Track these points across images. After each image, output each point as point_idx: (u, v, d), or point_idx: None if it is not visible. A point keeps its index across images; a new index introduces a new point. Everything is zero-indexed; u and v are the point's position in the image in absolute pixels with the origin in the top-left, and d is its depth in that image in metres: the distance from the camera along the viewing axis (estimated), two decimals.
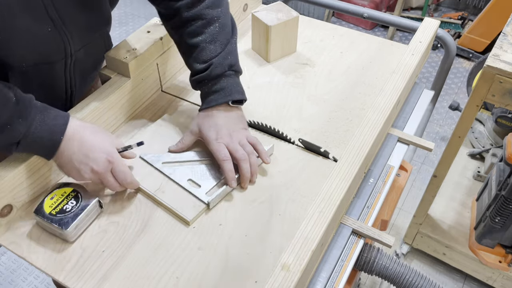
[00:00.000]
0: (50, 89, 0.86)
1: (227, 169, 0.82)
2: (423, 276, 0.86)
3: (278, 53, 1.14)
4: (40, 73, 0.82)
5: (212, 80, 0.86)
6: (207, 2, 0.86)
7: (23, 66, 0.78)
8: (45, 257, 0.74)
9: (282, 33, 1.10)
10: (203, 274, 0.73)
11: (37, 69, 0.80)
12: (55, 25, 0.76)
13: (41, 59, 0.80)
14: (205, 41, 0.86)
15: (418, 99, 1.09)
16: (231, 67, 0.88)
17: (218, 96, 0.86)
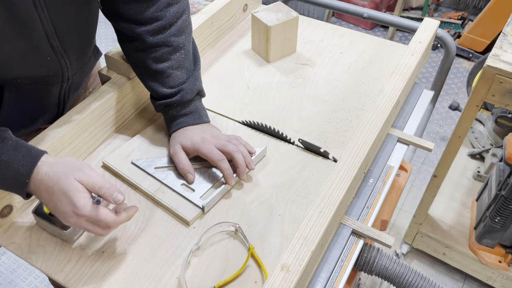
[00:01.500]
0: (43, 104, 0.88)
1: (225, 167, 0.82)
2: (423, 276, 0.86)
3: (278, 53, 1.14)
4: (35, 91, 0.83)
5: (181, 104, 0.88)
6: (172, 30, 0.85)
7: (18, 81, 0.78)
8: (45, 257, 0.74)
9: (282, 34, 1.10)
10: (203, 274, 0.73)
11: (33, 88, 0.82)
12: (55, 52, 0.78)
13: (37, 82, 0.81)
14: (172, 67, 0.86)
15: (418, 99, 1.09)
16: (199, 92, 0.91)
17: (188, 118, 0.89)
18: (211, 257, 0.75)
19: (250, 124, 0.97)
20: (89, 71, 0.97)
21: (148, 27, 0.84)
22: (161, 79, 0.87)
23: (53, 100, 0.88)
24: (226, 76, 1.11)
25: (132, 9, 0.83)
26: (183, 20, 0.87)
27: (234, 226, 0.78)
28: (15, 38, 0.70)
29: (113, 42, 3.04)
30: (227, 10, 1.19)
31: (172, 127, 0.89)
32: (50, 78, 0.82)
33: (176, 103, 0.87)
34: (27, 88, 0.80)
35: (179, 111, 0.88)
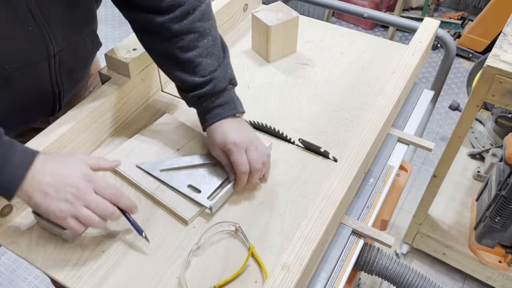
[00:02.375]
0: (37, 91, 0.83)
1: (242, 180, 0.81)
2: (423, 276, 0.86)
3: (278, 53, 1.14)
4: (25, 76, 0.78)
5: (215, 94, 0.83)
6: (197, 15, 0.81)
7: (6, 68, 0.74)
8: (45, 257, 0.74)
9: (282, 33, 1.10)
10: (203, 274, 0.73)
11: (22, 72, 0.77)
12: (37, 23, 0.73)
13: (23, 60, 0.76)
14: (200, 55, 0.82)
15: (418, 99, 1.09)
16: (231, 80, 0.86)
17: (223, 110, 0.84)
18: (211, 256, 0.75)
19: (250, 124, 0.97)
20: (83, 57, 0.91)
21: (171, 15, 0.79)
22: (190, 69, 0.82)
23: (45, 84, 0.83)
24: None
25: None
26: (207, 4, 0.83)
27: (234, 226, 0.78)
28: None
29: (113, 42, 3.04)
30: (227, 10, 1.19)
31: (207, 120, 0.84)
32: (35, 54, 0.77)
33: (209, 93, 0.82)
34: (16, 75, 0.76)
35: (213, 102, 0.83)
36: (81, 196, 0.68)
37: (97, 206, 0.69)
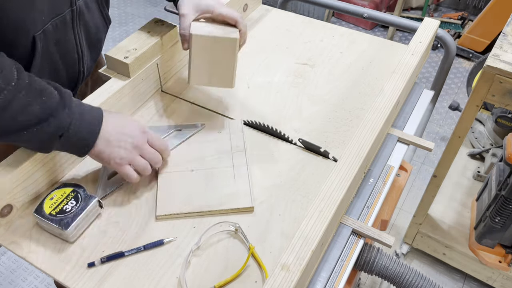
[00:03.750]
0: (65, 48, 0.88)
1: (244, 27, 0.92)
2: (423, 276, 0.86)
3: (203, 77, 0.92)
4: (56, 29, 0.83)
5: None
6: None
7: (43, 19, 0.79)
8: (45, 257, 0.74)
9: (211, 53, 0.87)
10: (203, 274, 0.73)
11: (53, 25, 0.82)
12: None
13: (53, 11, 0.81)
14: None
15: (418, 99, 1.09)
16: None
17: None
18: (211, 257, 0.75)
19: (250, 124, 0.97)
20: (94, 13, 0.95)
21: None
22: None
23: (71, 41, 0.89)
24: None
25: None
26: None
27: (234, 226, 0.78)
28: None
29: (113, 42, 3.04)
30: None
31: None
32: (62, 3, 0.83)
33: None
34: (49, 28, 0.81)
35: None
36: (138, 145, 0.78)
37: (150, 156, 0.80)
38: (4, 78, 0.66)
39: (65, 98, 0.73)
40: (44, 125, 0.69)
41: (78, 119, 0.73)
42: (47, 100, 0.70)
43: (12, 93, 0.66)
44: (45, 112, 0.69)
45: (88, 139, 0.75)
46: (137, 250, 0.75)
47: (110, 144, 0.77)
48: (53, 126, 0.70)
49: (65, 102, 0.72)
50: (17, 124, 0.68)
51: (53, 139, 0.72)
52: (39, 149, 0.75)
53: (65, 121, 0.71)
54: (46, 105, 0.69)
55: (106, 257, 0.74)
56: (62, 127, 0.71)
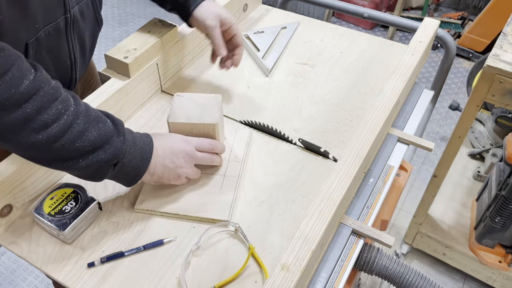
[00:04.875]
0: (57, 55, 0.87)
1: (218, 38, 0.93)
2: (423, 276, 0.86)
3: None
4: (48, 39, 0.82)
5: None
6: None
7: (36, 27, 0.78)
8: (45, 257, 0.74)
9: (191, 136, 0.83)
10: (203, 274, 0.73)
11: (46, 32, 0.81)
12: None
13: (47, 19, 0.80)
14: None
15: (418, 99, 1.09)
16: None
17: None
18: (211, 257, 0.75)
19: (250, 124, 0.97)
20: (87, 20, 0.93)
21: None
22: None
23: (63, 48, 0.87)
24: (226, 76, 1.10)
25: None
26: None
27: (234, 226, 0.78)
28: None
29: (113, 42, 3.04)
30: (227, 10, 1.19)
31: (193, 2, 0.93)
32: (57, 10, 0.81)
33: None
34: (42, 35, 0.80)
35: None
36: (191, 157, 0.80)
37: (204, 161, 0.82)
38: (63, 103, 0.65)
39: (119, 126, 0.72)
40: (100, 152, 0.68)
41: (132, 147, 0.73)
42: (103, 127, 0.69)
43: (71, 118, 0.65)
44: (101, 139, 0.68)
45: (141, 166, 0.74)
46: (137, 250, 0.75)
47: (166, 168, 0.78)
48: (109, 153, 0.69)
49: (119, 130, 0.71)
50: (74, 150, 0.66)
51: (107, 167, 0.71)
52: (92, 178, 0.72)
53: (120, 148, 0.70)
54: (102, 132, 0.68)
55: (106, 257, 0.74)
56: (118, 155, 0.70)
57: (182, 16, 0.96)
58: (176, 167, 0.79)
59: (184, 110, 0.83)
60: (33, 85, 0.61)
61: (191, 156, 0.80)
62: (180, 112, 0.83)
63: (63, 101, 0.65)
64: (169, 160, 0.78)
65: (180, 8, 0.95)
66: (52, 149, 0.65)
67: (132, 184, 0.76)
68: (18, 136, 0.63)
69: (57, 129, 0.64)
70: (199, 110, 0.83)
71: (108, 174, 0.72)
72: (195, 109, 0.84)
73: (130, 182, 0.76)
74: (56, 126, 0.64)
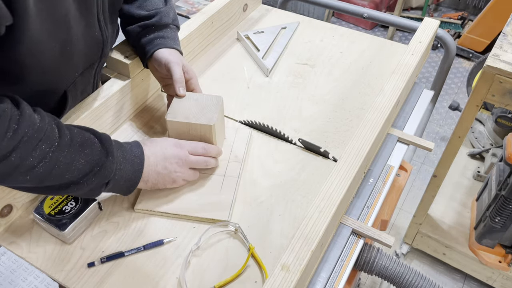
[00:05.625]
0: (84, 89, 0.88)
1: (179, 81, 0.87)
2: (423, 276, 0.86)
3: None
4: (82, 79, 0.84)
5: (159, 27, 0.90)
6: None
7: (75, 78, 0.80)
8: (45, 257, 0.74)
9: (187, 134, 0.85)
10: (203, 274, 0.73)
11: (82, 76, 0.83)
12: (100, 26, 0.79)
13: (87, 64, 0.82)
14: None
15: (418, 99, 1.09)
16: (174, 21, 0.94)
17: (165, 41, 0.90)
18: (211, 257, 0.75)
19: (250, 124, 0.97)
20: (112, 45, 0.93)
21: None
22: (138, 3, 0.91)
23: (88, 86, 0.89)
24: (226, 76, 1.10)
25: None
26: None
27: (234, 226, 0.78)
28: (79, 19, 0.72)
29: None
30: (227, 10, 1.19)
31: (149, 51, 0.89)
32: (94, 56, 0.83)
33: (154, 25, 0.89)
34: (79, 80, 0.82)
35: (156, 33, 0.90)
36: (185, 162, 0.80)
37: (198, 164, 0.82)
38: (47, 141, 0.64)
39: (106, 144, 0.71)
40: (91, 176, 0.68)
41: (122, 163, 0.72)
42: (90, 153, 0.68)
43: (57, 154, 0.65)
44: (90, 165, 0.68)
45: (134, 179, 0.75)
46: (137, 250, 0.75)
47: (160, 174, 0.78)
48: (99, 176, 0.69)
49: (107, 149, 0.71)
50: (64, 181, 0.67)
51: (100, 187, 0.71)
52: (87, 196, 0.75)
53: (110, 169, 0.70)
54: (89, 158, 0.68)
55: (106, 257, 0.74)
56: (108, 175, 0.70)
57: (142, 53, 0.91)
58: (170, 173, 0.79)
59: (183, 109, 0.84)
60: (15, 136, 0.60)
61: (184, 160, 0.80)
62: (179, 110, 0.83)
63: (47, 139, 0.64)
64: (162, 166, 0.78)
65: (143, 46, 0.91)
66: (43, 184, 0.66)
67: (128, 194, 0.77)
68: (6, 181, 0.65)
69: (44, 168, 0.64)
70: (198, 110, 0.83)
71: (101, 192, 0.72)
72: (194, 109, 0.84)
73: (125, 192, 0.76)
74: (42, 166, 0.63)
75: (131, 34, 0.92)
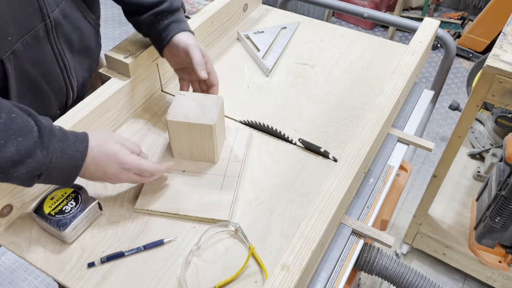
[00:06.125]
0: (43, 65, 0.83)
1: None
2: (423, 276, 0.86)
3: (185, 154, 0.89)
4: (28, 50, 0.78)
5: (172, 12, 0.90)
6: None
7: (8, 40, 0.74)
8: (45, 257, 0.74)
9: (188, 134, 0.85)
10: (203, 274, 0.73)
11: (25, 45, 0.77)
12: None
13: (23, 29, 0.76)
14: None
15: (418, 99, 1.09)
16: (182, 4, 0.94)
17: (180, 25, 0.90)
18: (211, 257, 0.75)
19: (250, 123, 0.97)
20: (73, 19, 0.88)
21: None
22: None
23: (49, 56, 0.84)
24: (226, 76, 1.10)
25: None
26: None
27: (234, 226, 0.78)
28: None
29: (113, 42, 3.04)
30: (227, 10, 1.19)
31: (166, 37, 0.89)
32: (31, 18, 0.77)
33: (166, 11, 0.89)
34: (20, 47, 0.76)
35: (169, 18, 0.89)
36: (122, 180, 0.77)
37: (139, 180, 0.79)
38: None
39: (44, 135, 0.67)
40: (20, 167, 0.65)
41: (59, 156, 0.69)
42: (23, 141, 0.64)
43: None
44: (20, 154, 0.64)
45: (70, 174, 0.71)
46: (137, 250, 0.75)
47: (92, 178, 0.75)
48: (29, 167, 0.66)
49: (43, 142, 0.67)
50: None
51: (32, 178, 0.68)
52: (20, 185, 0.71)
53: (43, 161, 0.67)
54: (21, 147, 0.64)
55: (106, 257, 0.74)
56: (39, 168, 0.67)
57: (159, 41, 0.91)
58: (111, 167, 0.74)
59: (183, 109, 0.84)
60: None
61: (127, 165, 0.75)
62: (179, 110, 0.83)
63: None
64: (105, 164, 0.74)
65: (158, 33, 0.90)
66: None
67: (67, 186, 0.75)
68: None
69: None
70: (198, 110, 0.83)
71: (34, 183, 0.70)
72: (195, 109, 0.84)
73: (64, 184, 0.73)
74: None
75: (144, 23, 0.91)
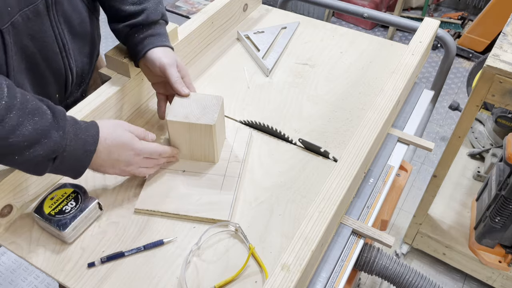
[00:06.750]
0: (42, 41, 0.82)
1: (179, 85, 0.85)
2: (423, 276, 0.86)
3: (185, 154, 0.89)
4: (28, 24, 0.77)
5: (148, 25, 0.87)
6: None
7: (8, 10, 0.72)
8: (45, 257, 0.74)
9: (188, 134, 0.85)
10: (203, 274, 0.73)
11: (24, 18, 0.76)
12: None
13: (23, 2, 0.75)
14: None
15: (418, 99, 1.09)
16: (162, 16, 0.91)
17: (155, 39, 0.87)
18: (211, 257, 0.75)
19: (250, 124, 0.97)
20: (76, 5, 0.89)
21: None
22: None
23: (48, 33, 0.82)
24: (226, 76, 1.10)
25: None
26: None
27: (234, 226, 0.78)
28: None
29: (113, 42, 3.03)
30: (227, 10, 1.19)
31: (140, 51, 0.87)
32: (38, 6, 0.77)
33: (141, 24, 0.87)
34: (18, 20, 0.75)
35: (145, 32, 0.87)
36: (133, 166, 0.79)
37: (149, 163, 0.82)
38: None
39: (59, 118, 0.68)
40: (37, 147, 0.65)
41: (73, 139, 0.69)
42: (40, 121, 0.65)
43: (3, 112, 0.62)
44: (37, 134, 0.65)
45: (84, 160, 0.72)
46: (137, 250, 0.75)
47: (102, 167, 0.76)
48: (46, 148, 0.66)
49: (59, 123, 0.68)
50: (8, 146, 0.63)
51: (46, 162, 0.68)
52: (32, 172, 0.70)
53: (59, 143, 0.67)
54: (38, 126, 0.65)
55: (106, 257, 0.74)
56: (56, 149, 0.67)
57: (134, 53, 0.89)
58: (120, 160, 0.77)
59: (184, 109, 0.83)
60: None
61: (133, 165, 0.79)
62: (179, 110, 0.83)
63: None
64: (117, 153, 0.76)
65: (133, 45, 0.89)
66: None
67: (77, 177, 0.74)
68: None
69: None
70: (198, 110, 0.83)
71: (48, 169, 0.69)
72: (195, 109, 0.84)
73: (73, 174, 0.73)
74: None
75: (120, 34, 0.90)
